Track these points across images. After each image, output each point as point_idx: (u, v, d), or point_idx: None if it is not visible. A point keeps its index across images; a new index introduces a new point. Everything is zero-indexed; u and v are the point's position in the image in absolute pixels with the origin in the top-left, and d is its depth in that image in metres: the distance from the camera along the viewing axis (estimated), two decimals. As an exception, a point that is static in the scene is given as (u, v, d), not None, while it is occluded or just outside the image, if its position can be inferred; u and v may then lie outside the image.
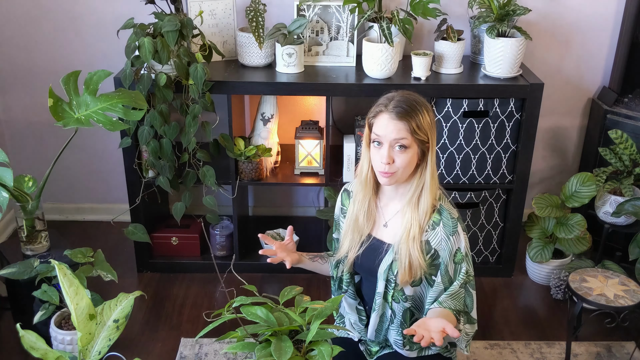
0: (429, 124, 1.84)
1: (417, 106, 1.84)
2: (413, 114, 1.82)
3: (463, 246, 1.87)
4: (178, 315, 2.77)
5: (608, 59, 3.18)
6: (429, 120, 1.84)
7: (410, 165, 1.85)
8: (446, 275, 1.88)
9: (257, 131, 2.93)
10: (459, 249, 1.87)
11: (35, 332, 1.75)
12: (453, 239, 1.86)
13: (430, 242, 1.87)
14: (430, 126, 1.84)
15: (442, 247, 1.87)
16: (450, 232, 1.86)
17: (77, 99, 2.42)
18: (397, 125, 1.81)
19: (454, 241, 1.86)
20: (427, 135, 1.83)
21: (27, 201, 2.51)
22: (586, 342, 2.62)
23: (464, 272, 1.88)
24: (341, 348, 1.60)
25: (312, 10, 2.83)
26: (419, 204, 1.87)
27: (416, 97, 1.87)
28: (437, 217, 1.87)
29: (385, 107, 1.83)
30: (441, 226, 1.86)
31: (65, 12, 3.05)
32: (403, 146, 1.82)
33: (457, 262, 1.88)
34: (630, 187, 2.79)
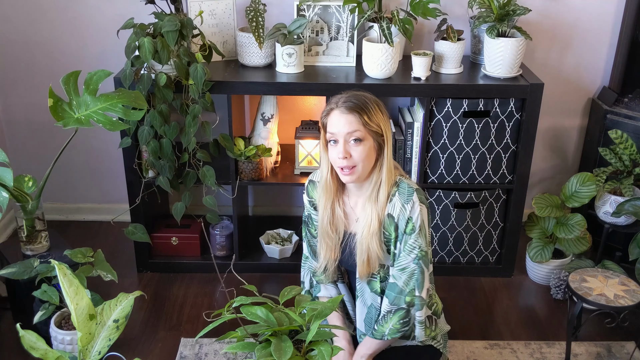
0: (382, 118, 1.90)
1: (366, 101, 1.91)
2: (363, 107, 1.89)
3: (416, 216, 1.88)
4: (178, 315, 2.77)
5: (608, 59, 3.18)
6: (381, 114, 1.90)
7: (369, 159, 1.90)
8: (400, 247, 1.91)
9: (257, 131, 2.93)
10: (410, 218, 1.88)
11: (35, 332, 1.75)
12: (408, 207, 1.89)
13: (392, 214, 1.91)
14: (384, 120, 1.91)
15: (399, 216, 1.90)
16: (404, 200, 1.89)
17: (77, 99, 2.42)
18: (349, 118, 1.87)
19: (408, 209, 1.89)
20: (380, 127, 1.89)
21: (27, 201, 2.51)
22: (586, 342, 2.62)
23: (417, 246, 1.88)
24: (341, 348, 1.60)
25: (312, 10, 2.83)
26: (377, 197, 1.92)
27: (365, 94, 1.94)
28: (394, 189, 1.92)
29: (335, 104, 1.90)
30: (397, 196, 1.90)
31: (65, 12, 3.05)
32: (358, 139, 1.87)
33: (408, 233, 1.89)
34: (630, 187, 2.79)
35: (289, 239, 3.17)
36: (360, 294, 2.03)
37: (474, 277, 3.07)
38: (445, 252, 3.04)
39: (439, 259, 3.06)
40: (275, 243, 3.14)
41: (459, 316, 2.79)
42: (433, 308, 2.06)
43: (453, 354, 2.54)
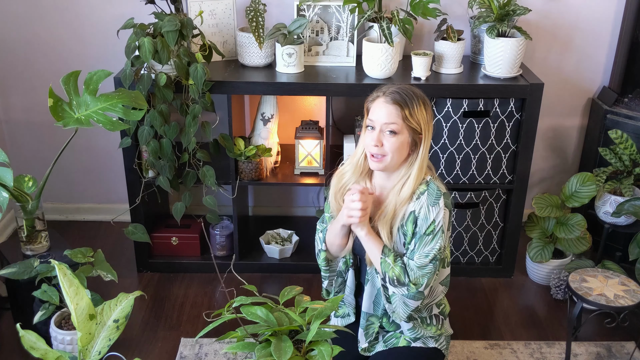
0: (424, 117, 1.90)
1: (413, 96, 1.91)
2: (408, 101, 1.90)
3: (439, 219, 1.89)
4: (178, 315, 2.77)
5: (608, 59, 3.18)
6: (424, 112, 1.91)
7: (400, 152, 1.90)
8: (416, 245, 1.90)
9: (257, 131, 2.93)
10: (433, 221, 1.89)
11: (35, 332, 1.75)
12: (433, 210, 1.89)
13: (415, 212, 1.91)
14: (426, 119, 1.91)
15: (422, 216, 1.90)
16: (432, 202, 1.90)
17: (77, 99, 2.42)
18: (389, 109, 1.88)
19: (433, 211, 1.89)
20: (419, 125, 1.90)
21: (27, 201, 2.51)
22: (586, 342, 2.62)
23: (437, 248, 1.89)
24: (341, 348, 1.60)
25: (312, 10, 2.83)
26: (401, 191, 1.93)
27: (416, 90, 1.94)
28: (423, 188, 1.92)
29: (382, 92, 1.91)
30: (425, 195, 1.91)
31: (65, 12, 3.05)
32: (393, 131, 1.88)
33: (428, 234, 1.89)
34: (630, 187, 2.79)
35: (289, 239, 3.17)
36: (370, 278, 2.04)
37: (474, 277, 3.07)
38: (445, 252, 3.04)
39: (439, 259, 3.06)
40: (275, 243, 3.14)
41: (459, 316, 2.78)
42: (441, 308, 2.07)
43: (453, 354, 2.54)
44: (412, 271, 1.89)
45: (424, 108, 1.91)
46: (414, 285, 1.88)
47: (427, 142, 1.92)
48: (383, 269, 1.91)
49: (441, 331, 2.05)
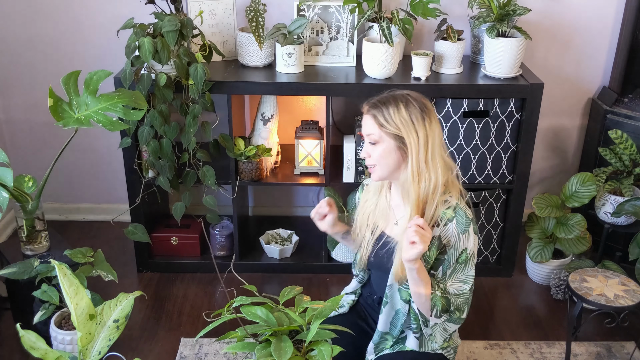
0: (405, 119, 1.82)
1: (391, 100, 1.84)
2: (382, 107, 1.84)
3: (470, 247, 1.86)
4: (178, 315, 2.77)
5: (608, 59, 3.18)
6: (405, 114, 1.82)
7: (386, 160, 1.86)
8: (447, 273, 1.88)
9: (257, 131, 2.93)
10: (465, 249, 1.86)
11: (35, 332, 1.75)
12: (463, 238, 1.85)
13: (442, 238, 1.87)
14: (408, 121, 1.82)
15: (451, 244, 1.86)
16: (462, 230, 1.85)
17: (77, 99, 2.42)
18: (366, 120, 1.86)
19: (464, 240, 1.85)
20: (399, 129, 1.82)
21: (27, 201, 2.51)
22: (586, 342, 2.62)
23: (471, 275, 1.88)
24: (341, 348, 1.60)
25: (312, 10, 2.83)
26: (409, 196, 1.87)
27: (399, 93, 1.87)
28: (451, 214, 1.85)
29: (365, 104, 1.88)
30: (454, 223, 1.85)
31: (65, 12, 3.05)
32: (374, 142, 1.85)
33: (461, 262, 1.87)
34: (630, 187, 2.79)
35: (289, 239, 3.17)
36: (389, 299, 1.99)
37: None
38: (445, 252, 3.04)
39: (439, 259, 3.06)
40: (275, 243, 3.15)
41: (459, 316, 2.79)
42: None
43: (453, 354, 2.54)
44: (454, 297, 1.87)
45: (405, 109, 1.83)
46: (457, 312, 1.88)
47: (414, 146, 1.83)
48: (433, 302, 1.86)
49: (449, 343, 2.03)
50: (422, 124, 1.83)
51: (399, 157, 1.86)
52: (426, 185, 1.85)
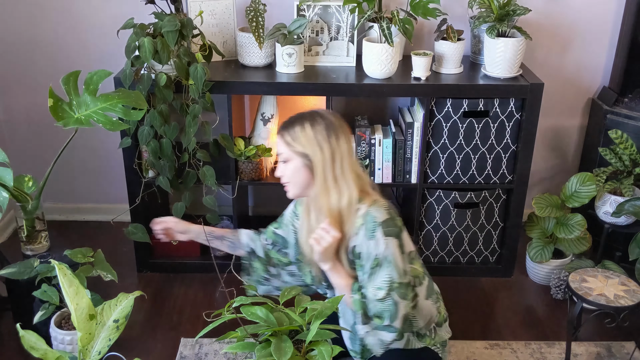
0: (311, 137, 1.86)
1: (298, 119, 1.90)
2: (289, 127, 1.90)
3: (381, 252, 1.84)
4: (178, 315, 2.77)
5: (608, 59, 3.18)
6: (311, 133, 1.86)
7: (296, 178, 1.90)
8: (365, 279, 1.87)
9: (257, 131, 2.93)
10: (376, 256, 1.84)
11: (35, 332, 1.75)
12: (372, 244, 1.84)
13: (356, 247, 1.88)
14: (314, 139, 1.86)
15: (364, 252, 1.87)
16: (369, 236, 1.85)
17: (77, 99, 2.42)
18: (277, 139, 1.92)
19: (372, 246, 1.85)
20: (304, 147, 1.86)
21: (27, 201, 2.51)
22: (586, 342, 2.62)
23: (388, 280, 1.84)
24: (341, 348, 1.60)
25: (312, 10, 2.83)
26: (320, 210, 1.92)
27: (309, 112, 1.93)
28: (360, 222, 1.87)
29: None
30: (363, 230, 1.86)
31: (65, 12, 3.05)
32: (284, 160, 1.91)
33: (374, 268, 1.85)
34: (630, 187, 2.79)
35: (289, 239, 3.17)
36: (342, 315, 2.04)
37: (474, 277, 3.07)
38: (445, 252, 3.04)
39: (439, 259, 3.06)
40: (275, 243, 3.14)
41: (459, 316, 2.78)
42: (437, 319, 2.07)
43: (453, 354, 2.54)
44: (372, 304, 1.85)
45: (310, 127, 1.86)
46: (378, 319, 1.85)
47: (319, 165, 1.86)
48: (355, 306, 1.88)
49: (435, 340, 2.03)
50: (327, 140, 1.87)
51: (308, 175, 1.89)
52: (337, 200, 1.88)
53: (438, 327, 2.07)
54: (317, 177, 1.87)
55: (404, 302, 1.85)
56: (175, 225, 2.17)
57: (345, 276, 1.91)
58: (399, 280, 1.84)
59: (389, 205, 1.92)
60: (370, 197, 1.91)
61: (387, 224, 1.85)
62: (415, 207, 2.92)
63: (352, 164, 1.91)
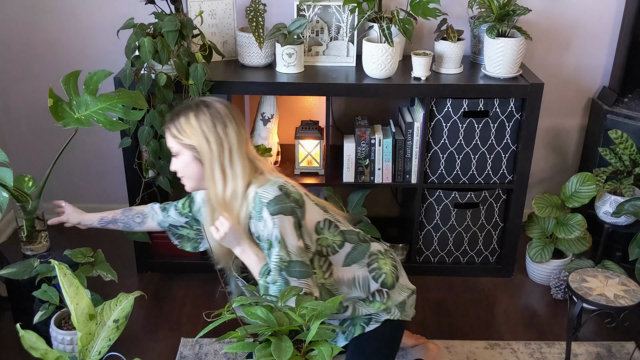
0: (197, 127, 1.83)
1: (182, 110, 1.86)
2: (174, 119, 1.87)
3: (269, 232, 1.82)
4: (178, 315, 2.77)
5: (608, 59, 3.18)
6: (194, 123, 1.83)
7: (189, 171, 1.89)
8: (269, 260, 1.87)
9: (257, 131, 2.94)
10: (267, 237, 1.84)
11: (35, 332, 1.75)
12: (261, 225, 1.84)
13: (253, 231, 1.88)
14: (199, 129, 1.83)
15: (258, 233, 1.87)
16: (257, 217, 1.85)
17: (77, 99, 2.42)
18: (165, 132, 1.89)
19: (261, 227, 1.84)
20: (190, 139, 1.83)
21: (27, 201, 2.51)
22: (586, 342, 2.62)
23: (278, 259, 1.83)
24: (341, 348, 1.60)
25: (312, 10, 2.83)
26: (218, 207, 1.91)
27: (194, 101, 1.89)
28: (251, 205, 1.86)
29: None
30: (254, 213, 1.86)
31: (65, 12, 3.05)
32: (175, 154, 1.89)
33: (268, 249, 1.85)
34: (630, 187, 2.79)
35: (289, 239, 3.17)
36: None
37: (474, 277, 3.07)
38: (445, 252, 3.04)
39: (439, 259, 3.06)
40: (275, 243, 3.14)
41: (459, 316, 2.79)
42: (381, 280, 2.03)
43: (453, 354, 2.54)
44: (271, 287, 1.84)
45: (195, 118, 1.83)
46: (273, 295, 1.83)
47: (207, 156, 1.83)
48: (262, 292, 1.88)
49: (387, 304, 2.01)
50: (214, 130, 1.84)
51: (199, 167, 1.87)
52: (221, 190, 1.86)
53: (387, 288, 2.03)
54: (206, 169, 1.85)
55: (300, 281, 1.82)
56: (68, 217, 2.27)
57: (255, 260, 1.89)
58: (288, 259, 1.82)
59: (286, 182, 1.89)
60: (263, 178, 1.89)
61: (276, 202, 1.83)
62: (415, 207, 2.93)
63: (243, 153, 1.88)
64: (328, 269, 1.95)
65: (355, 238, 2.04)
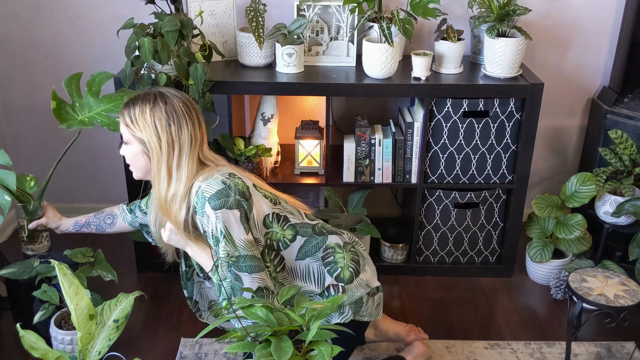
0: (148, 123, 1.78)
1: (140, 100, 1.80)
2: (130, 106, 1.80)
3: (213, 226, 1.78)
4: (178, 315, 2.77)
5: (608, 59, 3.18)
6: (149, 118, 1.77)
7: (137, 163, 1.86)
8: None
9: (257, 131, 2.94)
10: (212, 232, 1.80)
11: (35, 332, 1.75)
12: (205, 221, 1.80)
13: (198, 226, 1.85)
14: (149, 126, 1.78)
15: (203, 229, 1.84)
16: (200, 213, 1.81)
17: (80, 101, 2.41)
18: (119, 117, 1.85)
19: (205, 222, 1.80)
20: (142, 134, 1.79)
21: (28, 201, 2.51)
22: (586, 342, 2.62)
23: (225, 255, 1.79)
24: (341, 348, 1.60)
25: (312, 10, 2.83)
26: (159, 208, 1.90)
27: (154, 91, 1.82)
28: (195, 200, 1.83)
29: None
30: (197, 208, 1.82)
31: (65, 12, 3.05)
32: (125, 141, 1.85)
33: (215, 245, 1.81)
34: (630, 187, 2.79)
35: (289, 239, 3.17)
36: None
37: (474, 277, 3.07)
38: (445, 252, 3.04)
39: (439, 259, 3.06)
40: (275, 243, 3.14)
41: (459, 316, 2.79)
42: (336, 274, 1.97)
43: (453, 354, 2.54)
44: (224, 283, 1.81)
45: (150, 112, 1.77)
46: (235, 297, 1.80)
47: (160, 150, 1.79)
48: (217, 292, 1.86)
49: (343, 299, 1.94)
50: (167, 129, 1.79)
51: (146, 161, 1.84)
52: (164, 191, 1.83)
53: (343, 283, 1.97)
54: (152, 166, 1.83)
55: (252, 275, 1.78)
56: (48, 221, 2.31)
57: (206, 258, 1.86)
58: (236, 254, 1.79)
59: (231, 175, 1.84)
60: (209, 171, 1.85)
61: (218, 196, 1.78)
62: (415, 207, 2.92)
63: (194, 156, 1.84)
64: (280, 263, 1.90)
65: (308, 231, 1.97)
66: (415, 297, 2.91)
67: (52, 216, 2.31)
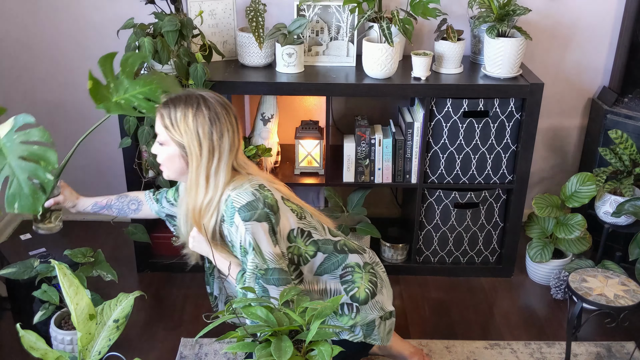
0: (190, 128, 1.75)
1: (182, 103, 1.77)
2: (171, 108, 1.77)
3: (243, 238, 1.77)
4: (178, 315, 2.77)
5: (608, 59, 3.18)
6: (191, 123, 1.75)
7: (172, 164, 1.83)
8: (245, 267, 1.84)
9: (257, 131, 2.94)
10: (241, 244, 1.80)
11: (35, 332, 1.75)
12: (233, 231, 1.80)
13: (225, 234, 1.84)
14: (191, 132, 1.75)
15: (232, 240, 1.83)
16: (229, 222, 1.80)
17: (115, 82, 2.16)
18: (157, 116, 1.81)
19: (234, 233, 1.80)
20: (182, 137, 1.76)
21: None
22: (586, 342, 2.62)
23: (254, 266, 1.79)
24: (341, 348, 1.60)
25: (312, 10, 2.83)
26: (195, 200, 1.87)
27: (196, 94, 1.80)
28: (224, 208, 1.81)
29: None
30: (226, 217, 1.81)
31: (65, 12, 3.05)
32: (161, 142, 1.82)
33: (242, 256, 1.81)
34: (630, 187, 2.79)
35: (289, 239, 3.17)
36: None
37: (474, 277, 3.07)
38: (445, 252, 3.04)
39: (439, 259, 3.06)
40: (275, 243, 3.14)
41: (459, 316, 2.79)
42: (352, 294, 1.96)
43: (453, 354, 2.54)
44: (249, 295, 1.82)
45: (193, 117, 1.75)
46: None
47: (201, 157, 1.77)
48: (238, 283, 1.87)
49: (355, 320, 1.93)
50: (208, 137, 1.77)
51: (183, 164, 1.82)
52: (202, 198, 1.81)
53: (357, 303, 1.95)
54: (190, 171, 1.80)
55: (279, 288, 1.78)
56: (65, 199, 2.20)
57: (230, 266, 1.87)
58: (265, 267, 1.78)
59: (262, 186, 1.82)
60: (240, 180, 1.83)
61: (249, 208, 1.77)
62: (415, 207, 2.92)
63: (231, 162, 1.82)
64: (299, 277, 1.90)
65: (330, 248, 1.97)
66: (416, 297, 2.91)
67: (69, 194, 2.23)
